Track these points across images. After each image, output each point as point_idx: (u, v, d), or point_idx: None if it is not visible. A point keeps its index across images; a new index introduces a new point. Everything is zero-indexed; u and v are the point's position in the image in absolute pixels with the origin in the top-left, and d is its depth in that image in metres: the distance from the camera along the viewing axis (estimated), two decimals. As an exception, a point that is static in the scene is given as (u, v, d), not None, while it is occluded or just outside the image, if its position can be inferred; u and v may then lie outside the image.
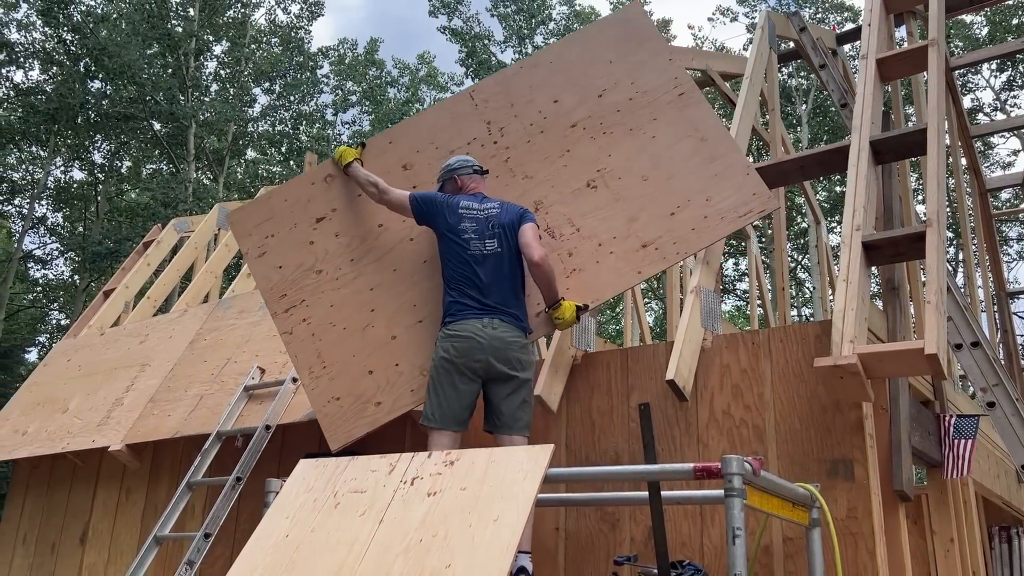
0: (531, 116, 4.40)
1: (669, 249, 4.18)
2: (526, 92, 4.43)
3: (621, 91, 4.40)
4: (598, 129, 4.34)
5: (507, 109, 4.41)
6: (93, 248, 21.77)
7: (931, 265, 3.67)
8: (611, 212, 4.23)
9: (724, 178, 4.24)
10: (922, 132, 4.41)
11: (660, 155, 4.28)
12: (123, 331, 7.54)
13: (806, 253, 23.51)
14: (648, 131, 4.32)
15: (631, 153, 4.29)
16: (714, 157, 4.26)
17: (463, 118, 4.43)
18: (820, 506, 3.18)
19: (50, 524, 6.64)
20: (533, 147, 4.36)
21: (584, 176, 4.29)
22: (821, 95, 23.34)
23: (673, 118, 4.33)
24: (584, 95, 4.41)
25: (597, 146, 4.31)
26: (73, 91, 21.88)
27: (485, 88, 4.48)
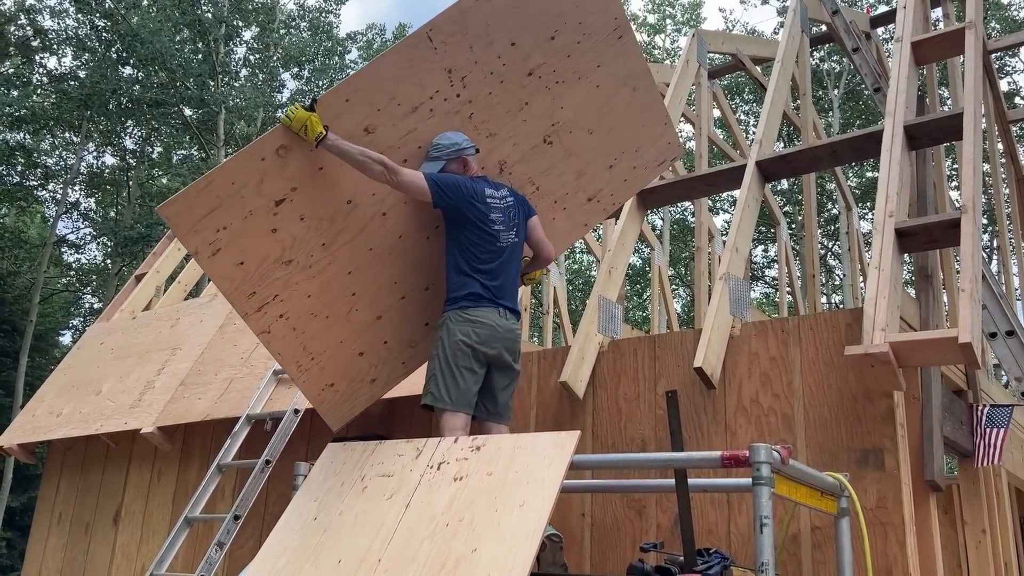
0: (491, 63, 4.01)
1: (607, 201, 4.32)
2: (483, 32, 3.97)
3: (570, 32, 4.15)
4: (551, 78, 4.12)
5: (467, 53, 3.95)
6: (125, 233, 22.06)
7: (966, 252, 3.61)
8: (564, 168, 4.22)
9: (650, 128, 4.34)
10: (958, 117, 4.32)
11: (603, 106, 4.23)
12: (154, 315, 7.63)
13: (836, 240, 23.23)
14: (593, 79, 4.19)
15: (580, 104, 4.19)
16: (644, 107, 4.31)
17: (423, 65, 3.87)
18: (849, 495, 3.15)
19: (84, 504, 6.76)
20: (494, 100, 4.04)
21: (541, 131, 4.15)
22: (853, 79, 22.98)
23: (614, 65, 4.22)
24: (539, 37, 4.08)
25: (551, 97, 4.13)
26: (105, 77, 22.11)
27: (442, 27, 3.89)
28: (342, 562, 3.28)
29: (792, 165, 4.90)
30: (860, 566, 3.23)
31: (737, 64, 8.51)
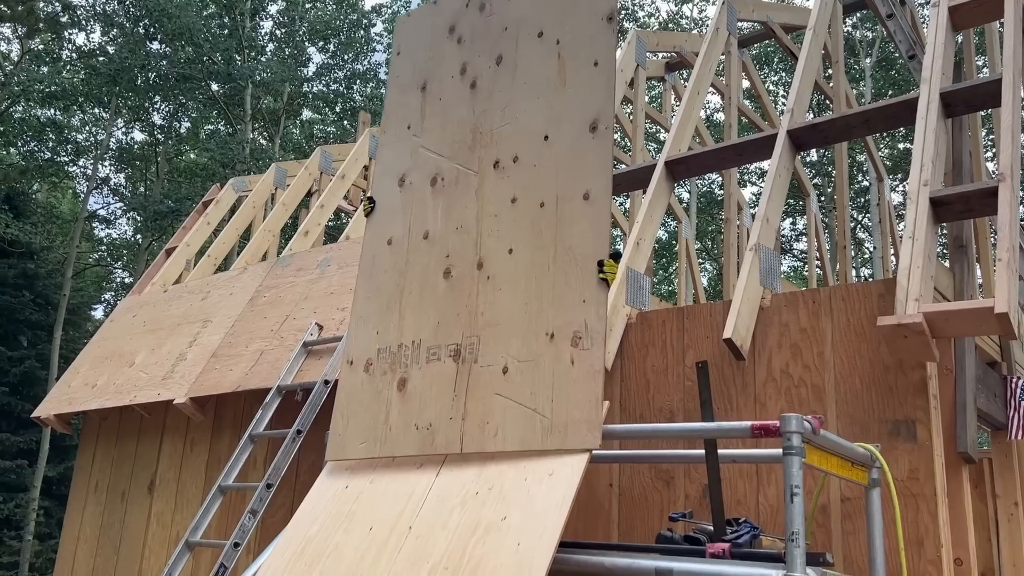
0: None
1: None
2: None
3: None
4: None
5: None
6: (155, 207, 22.30)
7: (1003, 221, 3.54)
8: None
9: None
10: (996, 83, 4.22)
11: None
12: (185, 288, 7.72)
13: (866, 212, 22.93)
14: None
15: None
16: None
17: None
18: (880, 466, 3.13)
19: (120, 473, 6.90)
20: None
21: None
22: (887, 47, 22.53)
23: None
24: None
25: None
26: (133, 53, 22.25)
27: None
28: (373, 529, 3.32)
29: (824, 134, 4.82)
30: (891, 537, 3.21)
31: (767, 32, 8.36)
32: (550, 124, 3.63)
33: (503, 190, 3.71)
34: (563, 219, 3.46)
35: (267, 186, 9.50)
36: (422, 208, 4.01)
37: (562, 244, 3.42)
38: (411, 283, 3.92)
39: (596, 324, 3.21)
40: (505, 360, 3.41)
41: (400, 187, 4.18)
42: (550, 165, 3.57)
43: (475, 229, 3.75)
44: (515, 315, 3.47)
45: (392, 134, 4.34)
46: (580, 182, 3.45)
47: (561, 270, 3.39)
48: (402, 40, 4.55)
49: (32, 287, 20.39)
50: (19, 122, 23.32)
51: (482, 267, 3.66)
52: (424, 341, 3.74)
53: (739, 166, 5.72)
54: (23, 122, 23.42)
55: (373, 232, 4.21)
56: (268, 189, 9.51)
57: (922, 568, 3.29)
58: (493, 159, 3.81)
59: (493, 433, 3.32)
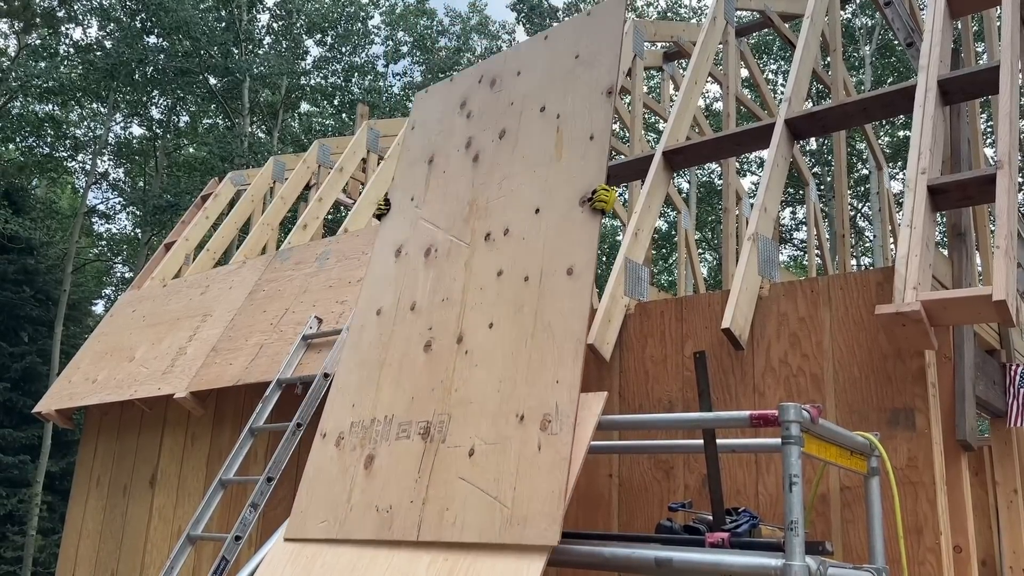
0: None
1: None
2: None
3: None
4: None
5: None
6: (154, 202, 22.29)
7: (1001, 209, 3.54)
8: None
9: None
10: (994, 70, 4.21)
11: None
12: (185, 283, 7.72)
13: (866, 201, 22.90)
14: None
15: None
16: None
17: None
18: (879, 455, 3.14)
19: (121, 468, 6.92)
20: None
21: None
22: (886, 35, 22.46)
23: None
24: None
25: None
26: (131, 47, 22.19)
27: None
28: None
29: (822, 123, 4.81)
30: (890, 525, 3.22)
31: (766, 21, 8.34)
32: (543, 197, 3.59)
33: (491, 263, 3.64)
34: (545, 294, 3.35)
35: (265, 180, 9.48)
36: (413, 279, 3.97)
37: (541, 320, 3.30)
38: (392, 356, 3.81)
39: (567, 407, 3.04)
40: (473, 441, 3.24)
41: (396, 258, 4.16)
42: (538, 238, 3.51)
43: (460, 302, 3.66)
44: (488, 393, 3.30)
45: (397, 206, 4.38)
46: (565, 256, 3.36)
47: (538, 347, 3.25)
48: (417, 115, 4.62)
49: (32, 283, 20.40)
50: (17, 118, 23.30)
51: (462, 341, 3.54)
52: (396, 416, 3.60)
53: (737, 156, 5.71)
54: (21, 117, 23.40)
55: (366, 301, 4.18)
56: (266, 183, 9.50)
57: (921, 556, 3.30)
58: (485, 231, 3.76)
59: (452, 521, 3.12)
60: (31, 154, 23.64)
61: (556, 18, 26.17)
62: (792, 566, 2.45)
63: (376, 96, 27.62)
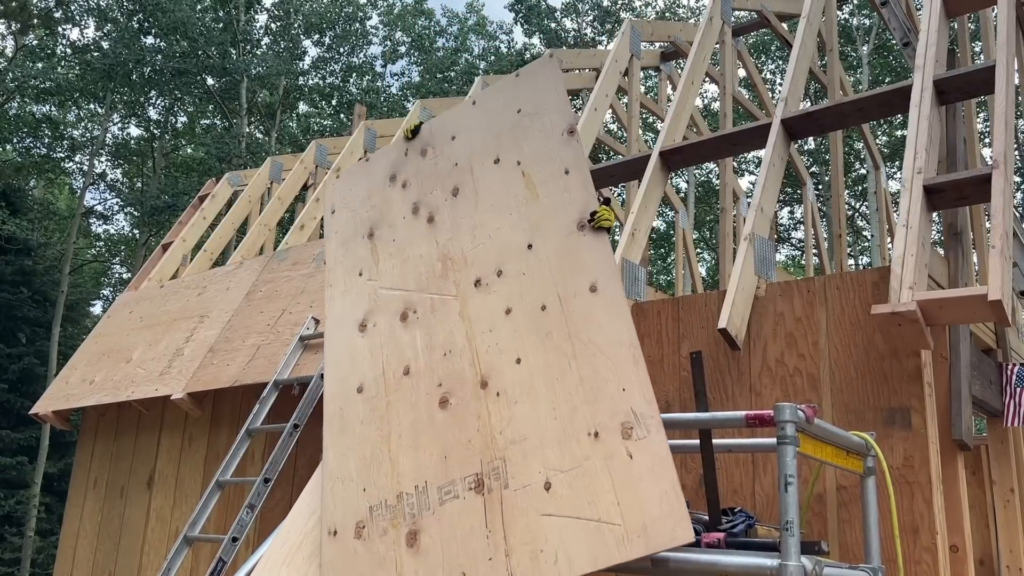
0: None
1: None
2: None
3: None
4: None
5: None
6: (151, 203, 22.27)
7: (997, 208, 3.54)
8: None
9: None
10: (990, 70, 4.21)
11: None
12: (182, 283, 7.72)
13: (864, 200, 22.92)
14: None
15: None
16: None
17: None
18: (875, 454, 3.14)
19: (119, 469, 6.91)
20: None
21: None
22: (883, 35, 22.49)
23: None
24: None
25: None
26: (128, 47, 22.17)
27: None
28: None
29: (819, 122, 4.81)
30: (886, 525, 3.23)
31: (763, 21, 8.35)
32: (531, 233, 3.52)
33: (493, 304, 3.53)
34: (573, 315, 3.25)
35: (263, 180, 9.48)
36: (396, 346, 3.81)
37: (579, 339, 3.18)
38: (399, 425, 3.60)
39: (646, 409, 2.90)
40: (545, 475, 3.04)
41: (362, 332, 4.01)
42: (541, 269, 3.43)
43: (469, 349, 3.51)
44: (543, 424, 3.14)
45: (341, 285, 4.26)
46: (582, 276, 3.28)
47: (587, 364, 3.12)
48: (336, 199, 4.59)
49: (30, 284, 20.36)
50: (14, 118, 23.28)
51: (487, 385, 3.37)
52: (432, 482, 3.35)
53: (734, 155, 5.72)
54: (18, 118, 23.39)
55: (336, 384, 3.96)
56: (264, 183, 9.50)
57: (918, 555, 3.30)
58: (472, 279, 3.67)
59: (552, 560, 2.88)
60: (28, 155, 23.62)
61: (553, 18, 26.18)
62: (788, 566, 2.45)
63: (374, 96, 27.62)
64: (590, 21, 26.10)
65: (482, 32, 32.26)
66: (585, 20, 26.22)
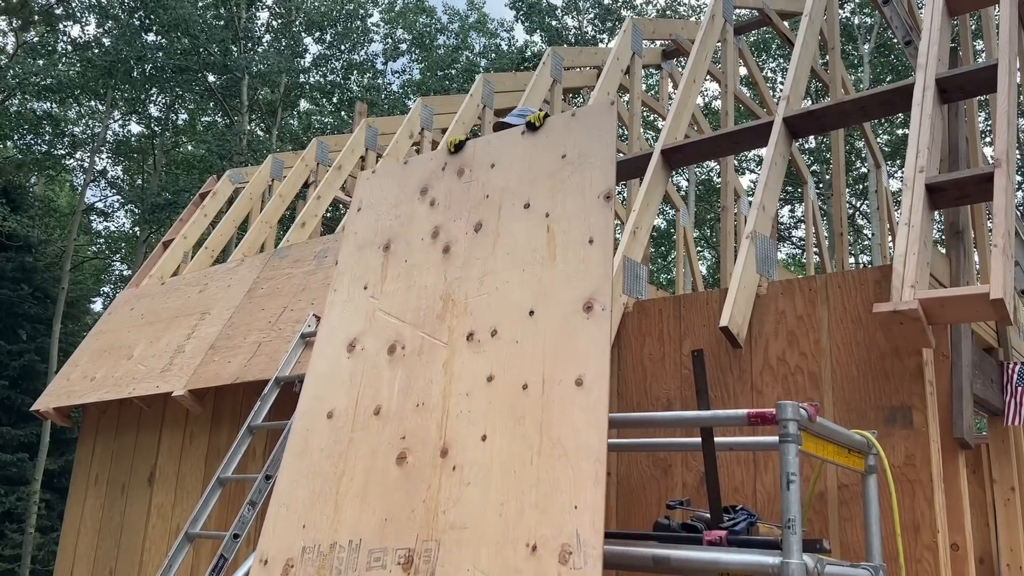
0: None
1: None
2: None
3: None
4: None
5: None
6: (152, 200, 22.27)
7: (999, 207, 3.54)
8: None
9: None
10: (992, 68, 4.21)
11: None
12: (183, 280, 7.72)
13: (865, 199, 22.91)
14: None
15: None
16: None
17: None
18: (877, 453, 3.14)
19: (119, 466, 6.91)
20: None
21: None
22: (885, 34, 22.47)
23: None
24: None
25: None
26: (129, 45, 22.16)
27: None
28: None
29: (820, 121, 4.81)
30: (888, 523, 3.23)
31: (764, 19, 8.35)
32: (537, 299, 3.32)
33: (478, 366, 3.29)
34: (551, 405, 3.01)
35: (264, 177, 9.48)
36: (375, 379, 3.57)
37: (548, 435, 2.94)
38: (354, 467, 3.37)
39: (592, 537, 2.67)
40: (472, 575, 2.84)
41: (349, 353, 3.77)
42: (536, 343, 3.20)
43: (440, 408, 3.27)
44: (487, 518, 2.91)
45: (344, 293, 4.03)
46: (572, 365, 3.06)
47: (547, 465, 2.87)
48: (364, 196, 4.34)
49: (31, 280, 20.37)
50: (15, 115, 23.26)
51: (447, 454, 3.15)
52: (366, 542, 3.15)
53: (735, 154, 5.72)
54: (19, 115, 23.37)
55: (311, 401, 3.74)
56: (265, 180, 9.50)
57: (919, 553, 3.31)
58: (467, 330, 3.44)
59: None
60: (29, 152, 23.61)
61: (555, 16, 26.15)
62: (789, 564, 2.45)
63: (375, 94, 27.60)
64: (591, 19, 26.09)
65: (483, 30, 32.23)
66: (586, 18, 26.21)
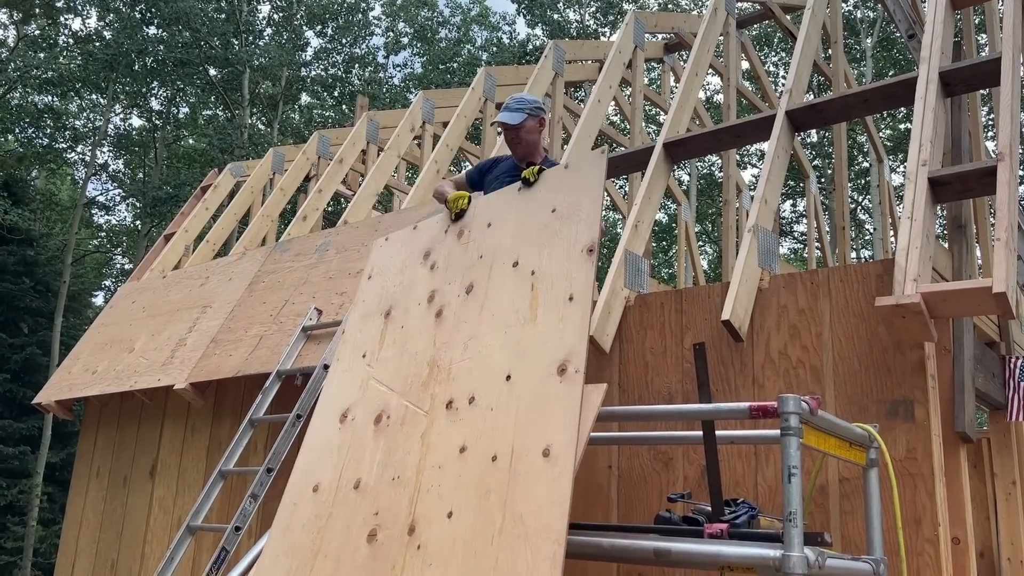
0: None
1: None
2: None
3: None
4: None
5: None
6: (153, 193, 22.24)
7: (1002, 201, 3.53)
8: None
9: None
10: (995, 61, 4.20)
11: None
12: (184, 274, 7.72)
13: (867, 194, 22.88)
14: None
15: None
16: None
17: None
18: (878, 446, 3.14)
19: (121, 459, 6.92)
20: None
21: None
22: (888, 27, 22.41)
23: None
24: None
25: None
26: (130, 38, 22.12)
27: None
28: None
29: (823, 114, 4.81)
30: (889, 517, 3.23)
31: (767, 12, 8.32)
32: (515, 362, 3.18)
33: (453, 437, 3.16)
34: (517, 479, 2.85)
35: (265, 171, 9.48)
36: (359, 451, 3.47)
37: (511, 511, 2.79)
38: (328, 544, 3.28)
39: None
40: None
41: (341, 423, 3.69)
42: (509, 411, 3.06)
43: (414, 483, 3.14)
44: None
45: (346, 362, 3.97)
46: (541, 434, 2.90)
47: (507, 546, 2.72)
48: (376, 263, 4.32)
49: (32, 274, 20.37)
50: (16, 108, 23.23)
51: (414, 532, 3.02)
52: None
53: (738, 147, 5.71)
54: (20, 108, 23.32)
55: (302, 474, 3.68)
56: (266, 174, 9.49)
57: (920, 547, 3.31)
58: (447, 398, 3.31)
59: None
60: (30, 145, 23.58)
61: (556, 9, 26.08)
62: (791, 557, 2.45)
63: (376, 87, 27.55)
64: (593, 12, 26.01)
65: (485, 23, 32.15)
66: (588, 11, 26.13)
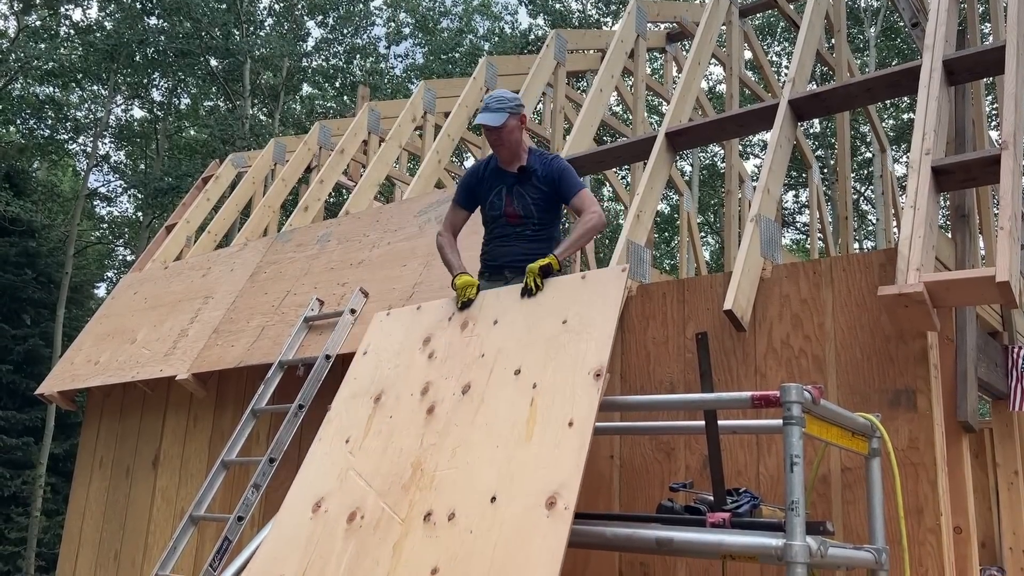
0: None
1: None
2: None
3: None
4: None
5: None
6: (155, 184, 22.23)
7: (1005, 190, 3.52)
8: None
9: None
10: (1000, 50, 4.18)
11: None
12: (186, 265, 7.72)
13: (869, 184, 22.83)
14: None
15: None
16: None
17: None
18: (880, 435, 3.14)
19: (124, 449, 6.94)
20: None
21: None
22: (891, 17, 22.30)
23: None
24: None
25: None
26: (131, 28, 22.07)
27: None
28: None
29: (826, 103, 4.78)
30: (890, 506, 3.23)
31: (770, 1, 8.28)
32: (503, 483, 2.99)
33: (426, 555, 2.93)
34: None
35: (266, 162, 9.47)
36: (327, 551, 3.22)
37: None
38: None
39: None
40: None
41: (313, 514, 3.44)
42: (489, 537, 2.86)
43: None
44: None
45: (327, 444, 3.73)
46: (520, 570, 2.71)
47: None
48: (372, 339, 4.10)
49: (34, 265, 20.37)
50: (18, 100, 23.20)
51: None
52: None
53: (740, 137, 5.70)
54: (22, 99, 23.30)
55: (263, 563, 3.40)
56: (267, 165, 9.48)
57: (921, 536, 3.31)
58: (426, 509, 3.09)
59: None
60: (32, 136, 23.56)
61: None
62: (793, 546, 2.45)
63: (378, 78, 27.47)
64: (595, 1, 25.92)
65: (487, 13, 32.04)
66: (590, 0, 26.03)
